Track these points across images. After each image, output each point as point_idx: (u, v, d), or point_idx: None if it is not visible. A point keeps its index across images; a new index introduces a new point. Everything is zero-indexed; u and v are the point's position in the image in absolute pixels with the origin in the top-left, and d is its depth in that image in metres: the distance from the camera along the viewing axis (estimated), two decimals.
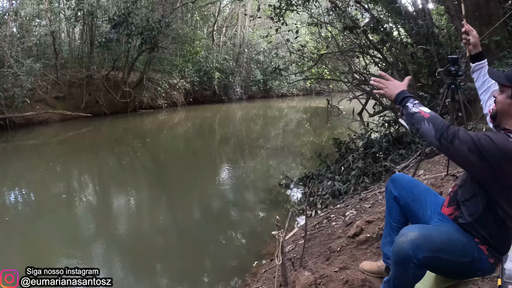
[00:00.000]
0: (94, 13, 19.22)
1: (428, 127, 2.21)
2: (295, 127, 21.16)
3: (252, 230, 6.98)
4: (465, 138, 2.13)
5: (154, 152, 13.77)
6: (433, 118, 2.22)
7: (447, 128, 2.16)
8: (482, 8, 6.16)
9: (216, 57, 27.98)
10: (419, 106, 2.31)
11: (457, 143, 2.14)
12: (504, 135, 2.18)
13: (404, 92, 2.42)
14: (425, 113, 2.26)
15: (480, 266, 2.37)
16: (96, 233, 6.71)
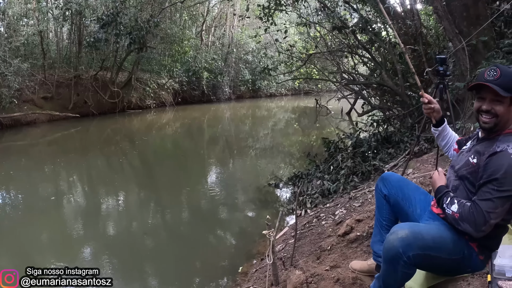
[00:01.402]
0: (82, 12, 19.10)
1: (464, 226, 2.30)
2: (283, 126, 21.18)
3: (242, 230, 6.98)
4: (491, 207, 2.21)
5: (143, 152, 13.69)
6: (461, 216, 2.31)
7: (474, 222, 2.24)
8: (470, 8, 6.19)
9: (204, 57, 27.91)
10: (450, 205, 2.39)
11: (493, 218, 2.22)
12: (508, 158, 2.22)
13: (441, 188, 2.53)
14: (455, 213, 2.34)
15: (470, 263, 2.40)
16: (84, 235, 6.66)
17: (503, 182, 2.18)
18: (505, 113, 2.34)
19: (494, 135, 2.40)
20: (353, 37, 10.62)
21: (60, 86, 19.52)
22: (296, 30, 20.75)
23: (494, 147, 2.29)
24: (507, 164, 2.19)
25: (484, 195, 2.24)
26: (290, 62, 13.63)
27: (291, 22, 15.73)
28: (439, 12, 6.45)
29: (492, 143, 2.36)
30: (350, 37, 10.98)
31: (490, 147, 2.33)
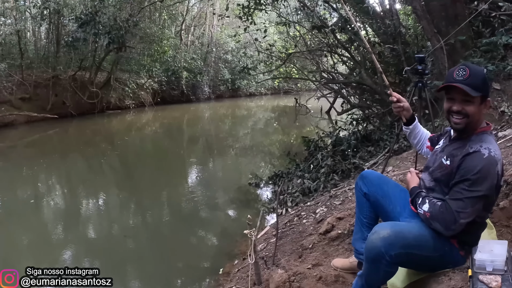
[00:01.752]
0: (60, 11, 18.75)
1: (435, 225, 2.36)
2: (263, 126, 21.18)
3: (223, 230, 6.96)
4: (461, 207, 2.26)
5: (123, 153, 13.55)
6: (432, 215, 2.37)
7: (444, 221, 2.30)
8: (448, 8, 6.27)
9: (184, 57, 27.71)
10: (422, 205, 2.44)
11: (463, 218, 2.27)
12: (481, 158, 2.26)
13: (413, 189, 2.60)
14: (426, 212, 2.40)
15: (451, 259, 2.44)
16: (64, 238, 6.57)
17: (475, 183, 2.22)
18: (476, 113, 2.36)
19: (466, 135, 2.43)
20: (333, 37, 10.66)
21: (38, 87, 19.14)
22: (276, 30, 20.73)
23: (467, 148, 2.32)
24: (480, 165, 2.22)
25: (455, 194, 2.29)
26: (270, 62, 13.66)
27: (270, 21, 15.69)
28: (418, 12, 6.52)
29: (464, 143, 2.39)
30: (329, 36, 11.02)
31: (463, 147, 2.37)
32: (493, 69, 5.72)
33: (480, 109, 2.37)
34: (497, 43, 5.91)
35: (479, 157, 2.24)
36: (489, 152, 2.25)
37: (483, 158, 2.24)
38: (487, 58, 5.91)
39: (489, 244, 2.28)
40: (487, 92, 2.39)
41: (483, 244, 2.29)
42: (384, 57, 9.90)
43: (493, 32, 6.36)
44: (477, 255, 2.18)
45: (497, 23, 6.40)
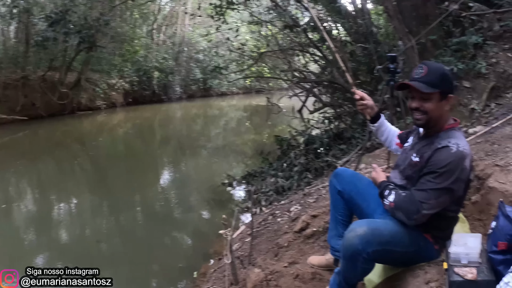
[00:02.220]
0: (30, 10, 18.22)
1: (398, 215, 2.40)
2: (235, 125, 21.17)
3: (198, 230, 6.93)
4: (425, 198, 2.29)
5: (95, 155, 13.35)
6: (396, 205, 2.41)
7: (407, 211, 2.34)
8: (419, 8, 6.38)
9: (155, 56, 27.47)
10: (388, 196, 2.47)
11: (425, 208, 2.30)
12: (449, 153, 2.29)
13: (382, 183, 2.61)
14: (390, 203, 2.43)
15: (427, 253, 2.48)
16: (37, 242, 6.45)
17: (441, 175, 2.27)
18: (435, 109, 2.39)
19: (433, 132, 2.47)
20: (304, 36, 10.71)
21: (7, 88, 18.58)
22: (248, 29, 20.72)
23: (436, 144, 2.36)
24: (448, 159, 2.27)
25: (421, 185, 2.33)
26: (242, 61, 13.66)
27: (242, 20, 15.70)
28: (389, 12, 6.60)
29: (433, 140, 2.43)
30: (301, 35, 11.07)
31: (432, 144, 2.40)
32: (463, 68, 5.83)
33: (440, 106, 2.40)
34: (467, 42, 6.04)
35: (447, 152, 2.29)
36: (458, 147, 2.30)
37: (451, 153, 2.28)
38: (457, 57, 6.02)
39: (463, 237, 2.33)
40: (447, 88, 2.40)
41: (457, 237, 2.33)
42: (355, 56, 10.00)
43: (463, 31, 6.49)
44: (452, 248, 2.22)
45: (467, 23, 6.54)
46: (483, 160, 4.00)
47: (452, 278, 2.09)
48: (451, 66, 5.80)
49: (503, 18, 6.50)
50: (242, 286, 3.33)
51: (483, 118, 5.53)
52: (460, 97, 5.95)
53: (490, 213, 3.22)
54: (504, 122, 4.90)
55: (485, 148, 4.33)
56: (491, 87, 5.82)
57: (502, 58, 6.05)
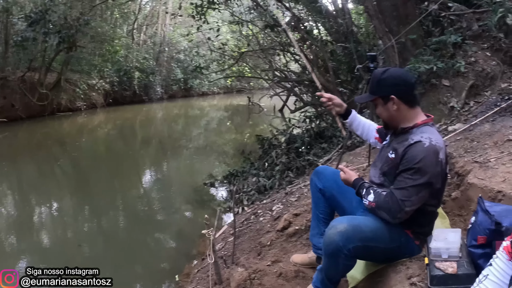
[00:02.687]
0: (9, 10, 17.93)
1: (381, 214, 2.41)
2: (216, 125, 21.13)
3: (180, 231, 6.89)
4: (405, 196, 2.33)
5: (75, 157, 13.18)
6: (377, 205, 2.41)
7: (390, 210, 2.36)
8: (399, 8, 6.43)
9: (136, 56, 27.21)
10: (367, 195, 2.48)
11: (407, 206, 2.33)
12: (423, 148, 2.34)
13: (355, 182, 2.62)
14: (371, 203, 2.44)
15: (408, 249, 2.51)
16: (16, 247, 6.33)
17: (418, 171, 2.30)
18: (383, 112, 2.53)
19: (407, 128, 2.51)
20: (285, 35, 10.74)
21: None
22: (229, 29, 20.71)
23: (409, 140, 2.40)
24: (422, 154, 2.31)
25: (399, 184, 2.36)
26: (223, 61, 13.64)
27: (223, 20, 15.68)
28: (370, 11, 6.64)
29: (406, 136, 2.47)
30: (282, 35, 11.10)
31: (405, 140, 2.44)
32: (443, 67, 5.90)
33: (386, 108, 2.50)
34: (446, 41, 6.11)
35: (420, 147, 2.33)
36: (430, 141, 2.34)
37: (425, 147, 2.32)
38: (436, 56, 6.09)
39: (443, 232, 2.36)
40: (386, 91, 2.47)
41: (437, 233, 2.36)
42: (336, 56, 10.07)
43: (442, 31, 6.58)
44: (433, 243, 2.25)
45: (446, 23, 6.63)
46: (463, 157, 4.06)
47: (433, 273, 2.12)
48: (430, 65, 5.87)
49: (482, 18, 6.60)
50: (226, 285, 3.34)
51: (462, 116, 5.60)
52: (440, 96, 6.02)
53: (470, 208, 3.27)
54: (483, 120, 4.97)
55: (464, 145, 4.39)
56: (470, 85, 5.90)
57: (481, 57, 6.14)
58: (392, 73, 2.52)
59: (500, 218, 2.11)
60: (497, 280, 1.44)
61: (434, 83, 6.06)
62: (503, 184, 3.15)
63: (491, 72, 5.96)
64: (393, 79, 2.48)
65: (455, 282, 2.03)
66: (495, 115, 4.96)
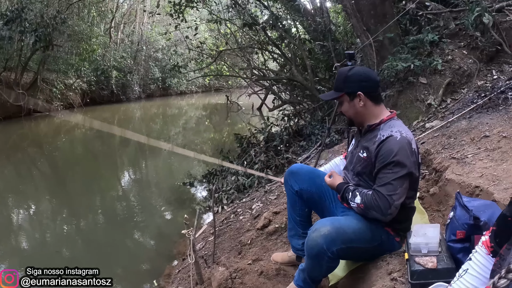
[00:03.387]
0: None
1: (372, 214, 2.41)
2: (195, 124, 21.03)
3: (160, 231, 6.83)
4: (391, 190, 2.34)
5: (53, 158, 12.96)
6: (366, 205, 2.41)
7: (379, 207, 2.35)
8: (377, 7, 6.51)
9: (113, 55, 26.89)
10: (354, 198, 2.48)
11: (396, 199, 2.35)
12: (395, 141, 2.38)
13: (340, 186, 2.61)
14: (359, 205, 2.44)
15: (389, 246, 2.54)
16: None
17: (397, 164, 2.33)
18: (349, 109, 2.57)
19: (374, 125, 2.54)
20: (263, 34, 10.74)
21: None
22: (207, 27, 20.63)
23: (379, 137, 2.43)
24: (396, 147, 2.34)
25: (382, 180, 2.37)
26: (201, 59, 13.57)
27: (201, 19, 15.61)
28: (348, 10, 6.69)
29: (375, 133, 2.50)
30: (260, 33, 11.10)
31: (375, 137, 2.47)
32: (420, 65, 5.97)
33: (353, 105, 2.55)
34: (423, 40, 6.20)
35: (393, 141, 2.36)
36: (401, 134, 2.39)
37: (397, 141, 2.36)
38: (414, 54, 6.17)
39: (423, 228, 2.39)
40: (352, 88, 2.52)
41: (417, 228, 2.38)
42: (314, 54, 10.11)
43: (420, 30, 6.68)
44: (412, 239, 2.27)
45: (423, 22, 6.75)
46: (440, 153, 4.11)
47: (413, 268, 2.14)
48: (408, 63, 5.94)
49: (459, 16, 6.73)
50: (207, 285, 3.32)
51: (439, 113, 5.67)
52: (417, 93, 6.09)
53: (448, 204, 3.31)
54: (459, 117, 5.04)
55: (442, 141, 4.45)
56: (447, 83, 5.98)
57: (458, 55, 6.23)
58: (358, 71, 2.57)
59: (478, 213, 2.14)
60: (477, 274, 1.45)
61: (412, 81, 6.13)
62: (480, 179, 3.19)
63: (467, 70, 6.05)
64: (359, 76, 2.52)
65: (435, 277, 2.05)
66: (472, 112, 5.04)
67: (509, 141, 3.71)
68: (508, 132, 3.88)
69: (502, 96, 5.03)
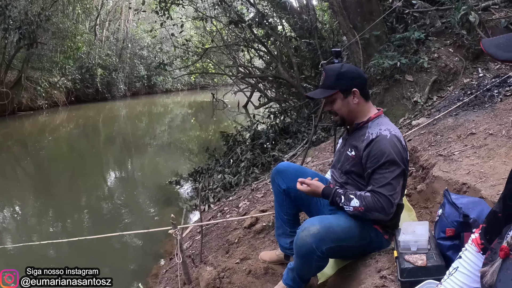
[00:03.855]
0: None
1: (374, 215, 2.37)
2: (180, 122, 20.94)
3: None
4: (391, 190, 2.34)
5: (37, 158, 12.81)
6: (368, 207, 2.35)
7: (383, 208, 2.32)
8: (364, 5, 6.53)
9: (98, 53, 26.64)
10: (349, 202, 2.42)
11: (396, 198, 2.36)
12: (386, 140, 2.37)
13: (326, 191, 2.53)
14: (358, 208, 2.38)
15: (378, 244, 2.54)
16: None
17: (392, 163, 2.33)
18: (342, 107, 2.52)
19: (361, 124, 2.54)
20: (249, 31, 10.72)
21: None
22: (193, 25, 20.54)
23: (368, 136, 2.43)
24: (388, 146, 2.34)
25: (381, 181, 2.34)
26: (186, 57, 13.50)
27: (187, 16, 15.52)
28: (334, 8, 6.70)
29: (363, 132, 2.49)
30: (246, 31, 11.07)
31: (363, 136, 2.46)
32: (406, 62, 6.01)
33: (347, 102, 2.51)
34: (409, 38, 6.24)
35: (384, 140, 2.36)
36: (390, 132, 2.39)
37: (388, 139, 2.36)
38: (400, 52, 6.20)
39: (411, 225, 2.39)
40: (347, 84, 2.50)
41: (405, 226, 2.38)
42: (300, 51, 10.11)
43: (406, 28, 6.73)
44: (401, 236, 2.27)
45: (410, 20, 6.81)
46: (427, 150, 4.13)
47: (403, 266, 2.14)
48: (394, 61, 5.96)
49: (445, 15, 6.78)
50: (195, 285, 3.29)
51: (425, 111, 5.71)
52: (404, 91, 6.12)
53: (436, 201, 3.32)
54: (446, 114, 5.07)
55: (428, 139, 4.47)
56: (433, 80, 6.03)
57: (444, 53, 6.28)
58: (350, 68, 2.56)
59: (467, 210, 2.14)
60: (467, 272, 1.45)
61: (398, 79, 6.16)
62: (467, 176, 3.21)
63: (453, 67, 6.10)
64: (351, 72, 2.51)
65: (425, 274, 2.04)
66: (458, 109, 5.07)
67: (496, 138, 3.73)
68: (494, 130, 3.90)
69: (488, 93, 5.07)
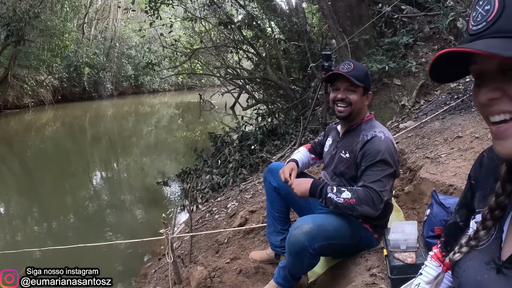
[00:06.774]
0: None
1: (364, 209, 2.38)
2: (167, 123, 20.87)
3: (134, 231, 6.72)
4: (382, 186, 2.39)
5: (22, 157, 12.70)
6: (359, 200, 2.38)
7: (373, 202, 2.36)
8: (353, 9, 6.60)
9: (86, 52, 26.48)
10: (340, 194, 2.42)
11: (385, 195, 2.42)
12: (381, 141, 2.45)
13: (314, 184, 2.52)
14: (349, 200, 2.39)
15: (367, 243, 2.60)
16: None
17: (385, 162, 2.40)
18: (358, 102, 2.58)
19: (354, 125, 2.62)
20: (238, 33, 10.74)
21: None
22: (182, 25, 20.45)
23: (363, 137, 2.51)
24: (382, 146, 2.41)
25: (373, 177, 2.40)
26: (175, 57, 13.47)
27: (177, 16, 15.48)
28: (324, 11, 6.74)
29: (358, 133, 2.57)
30: (235, 32, 11.09)
31: (357, 137, 2.54)
32: (394, 66, 6.08)
33: (362, 100, 2.60)
34: (398, 42, 6.31)
35: (378, 141, 2.44)
36: (384, 134, 2.48)
37: (382, 140, 2.44)
38: (388, 56, 6.28)
39: (401, 225, 2.45)
40: (369, 85, 2.63)
41: (395, 225, 2.45)
42: (289, 54, 10.16)
43: (394, 32, 6.81)
44: (391, 235, 2.33)
45: (398, 24, 6.89)
46: (414, 153, 4.19)
47: (393, 263, 2.20)
48: (383, 65, 6.03)
49: (433, 20, 6.88)
50: (185, 284, 3.31)
51: (413, 114, 5.78)
52: (391, 94, 6.19)
53: (423, 202, 3.39)
54: (433, 118, 5.15)
55: (415, 141, 4.53)
56: (420, 84, 6.10)
57: (431, 58, 6.35)
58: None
59: None
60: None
61: (386, 82, 6.23)
62: (454, 178, 3.27)
63: None
64: (370, 78, 2.65)
65: (414, 272, 2.06)
66: (445, 113, 5.14)
67: (482, 142, 3.80)
68: (481, 133, 3.97)
69: None
